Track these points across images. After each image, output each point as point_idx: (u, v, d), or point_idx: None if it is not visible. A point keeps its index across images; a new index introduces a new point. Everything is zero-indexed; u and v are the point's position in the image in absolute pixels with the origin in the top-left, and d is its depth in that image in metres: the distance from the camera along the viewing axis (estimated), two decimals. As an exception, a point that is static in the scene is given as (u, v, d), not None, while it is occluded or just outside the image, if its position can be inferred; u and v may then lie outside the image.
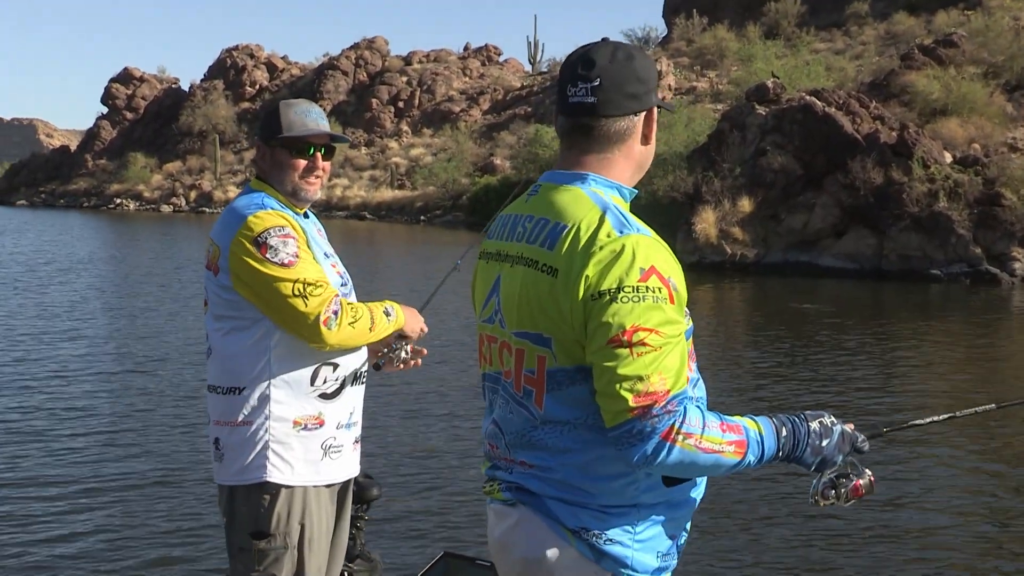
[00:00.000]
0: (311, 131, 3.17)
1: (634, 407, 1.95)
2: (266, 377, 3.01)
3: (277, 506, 3.01)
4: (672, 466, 2.00)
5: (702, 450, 1.98)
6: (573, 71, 2.13)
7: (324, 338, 2.96)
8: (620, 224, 2.05)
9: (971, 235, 22.19)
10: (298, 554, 3.06)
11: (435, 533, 6.23)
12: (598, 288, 1.99)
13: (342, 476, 3.20)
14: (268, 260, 2.96)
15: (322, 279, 3.00)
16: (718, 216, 24.52)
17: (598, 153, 2.16)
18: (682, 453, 1.98)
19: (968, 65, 29.90)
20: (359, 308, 3.06)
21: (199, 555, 5.88)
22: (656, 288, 1.99)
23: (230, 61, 74.53)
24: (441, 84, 67.88)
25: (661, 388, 1.96)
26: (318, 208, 46.99)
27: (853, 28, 56.22)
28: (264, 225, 3.00)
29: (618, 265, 1.99)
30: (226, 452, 3.05)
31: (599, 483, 2.10)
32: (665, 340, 1.98)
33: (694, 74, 58.43)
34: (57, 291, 19.38)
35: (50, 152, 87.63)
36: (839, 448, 2.14)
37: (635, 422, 1.96)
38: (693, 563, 5.73)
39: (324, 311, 2.95)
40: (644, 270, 1.99)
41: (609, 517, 2.10)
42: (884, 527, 6.43)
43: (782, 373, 11.77)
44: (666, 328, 1.99)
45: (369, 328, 3.07)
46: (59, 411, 9.48)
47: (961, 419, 2.61)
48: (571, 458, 2.10)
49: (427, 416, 9.30)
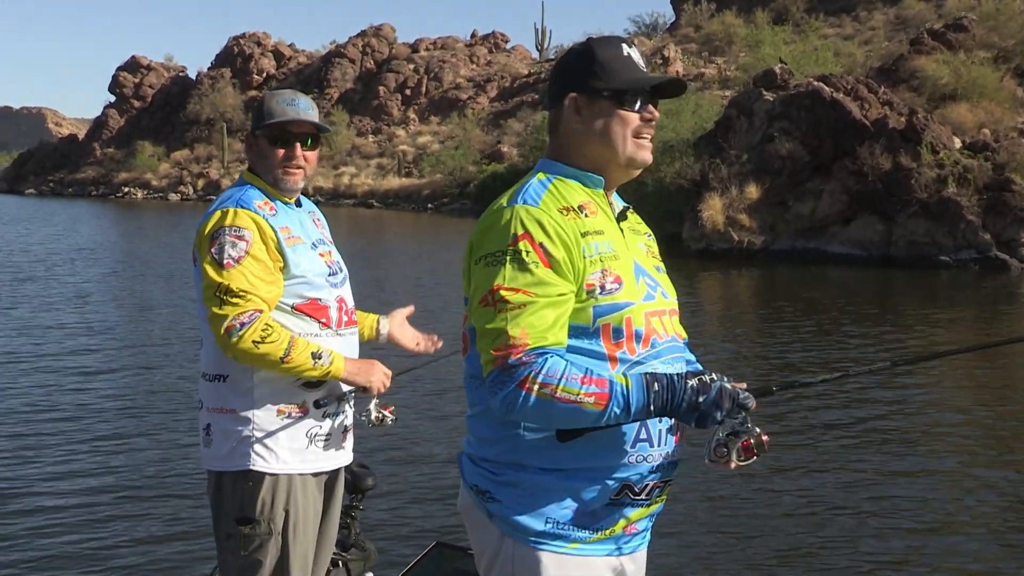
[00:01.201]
0: (289, 119, 3.16)
1: (495, 357, 2.12)
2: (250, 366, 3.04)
3: (261, 493, 3.05)
4: (532, 414, 2.12)
5: (559, 399, 2.09)
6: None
7: (222, 344, 2.99)
8: (514, 198, 2.24)
9: (980, 221, 22.01)
10: (283, 540, 3.09)
11: (429, 523, 6.20)
12: (477, 253, 2.22)
13: (329, 465, 3.21)
14: (211, 255, 3.02)
15: (250, 292, 2.99)
16: (725, 203, 24.39)
17: (552, 141, 2.40)
18: (539, 401, 2.09)
19: (978, 49, 29.68)
20: (277, 333, 2.99)
21: (191, 546, 5.84)
22: (525, 251, 2.15)
23: (237, 49, 74.47)
24: (448, 71, 67.72)
25: (520, 342, 2.10)
26: (325, 196, 46.98)
27: (862, 13, 55.88)
28: (226, 222, 3.05)
29: (493, 231, 2.20)
30: (214, 438, 3.09)
31: (491, 439, 2.26)
32: (531, 299, 2.13)
33: (702, 60, 58.15)
34: (63, 280, 19.38)
35: (58, 141, 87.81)
36: (717, 403, 2.14)
37: (497, 371, 2.12)
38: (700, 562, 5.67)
39: (231, 319, 2.95)
40: (516, 235, 2.16)
41: (495, 476, 2.25)
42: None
43: (790, 360, 11.69)
44: (534, 288, 2.13)
45: (280, 357, 2.98)
46: (66, 399, 9.46)
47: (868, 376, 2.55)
48: (474, 410, 2.31)
49: (422, 406, 9.26)
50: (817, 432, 8.36)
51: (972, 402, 9.68)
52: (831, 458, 7.67)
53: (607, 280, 2.20)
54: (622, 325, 2.20)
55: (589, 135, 2.30)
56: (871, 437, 8.29)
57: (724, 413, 2.14)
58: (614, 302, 2.20)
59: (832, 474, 7.27)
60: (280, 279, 3.07)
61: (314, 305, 3.13)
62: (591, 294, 2.19)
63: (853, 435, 8.33)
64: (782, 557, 5.77)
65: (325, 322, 3.16)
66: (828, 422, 8.66)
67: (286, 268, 3.08)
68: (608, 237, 2.26)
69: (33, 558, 5.72)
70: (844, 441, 8.15)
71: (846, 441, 8.15)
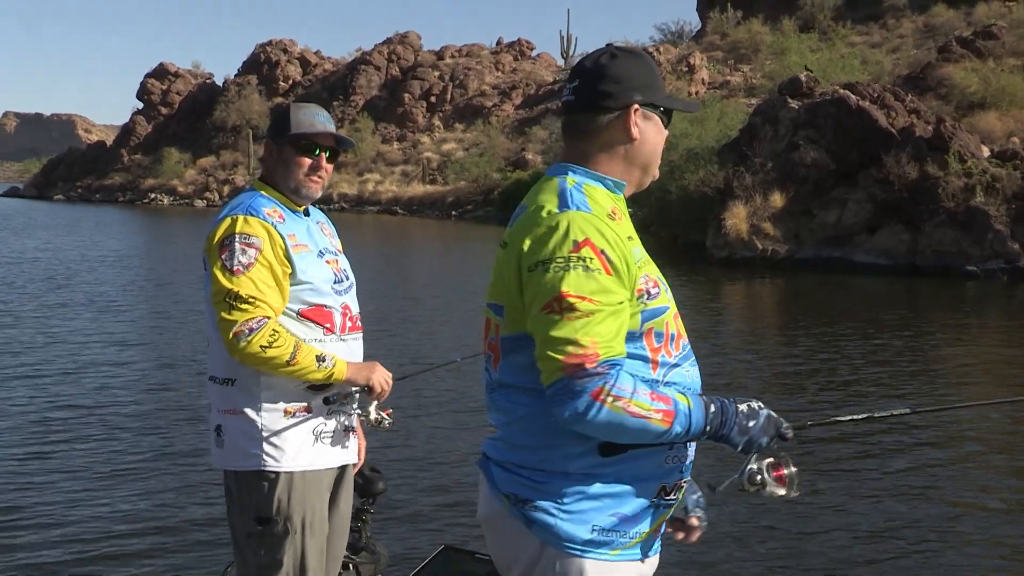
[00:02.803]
0: (318, 131, 3.30)
1: (565, 365, 2.08)
2: (257, 369, 3.13)
3: (277, 492, 3.15)
4: (601, 426, 2.09)
5: (630, 413, 2.08)
6: (570, 75, 2.36)
7: (230, 348, 3.08)
8: (563, 203, 2.20)
9: (1009, 231, 21.69)
10: (300, 539, 3.20)
11: (438, 526, 6.23)
12: (532, 259, 2.15)
13: (336, 462, 3.31)
14: (221, 261, 3.11)
15: (259, 298, 3.09)
16: (749, 211, 24.20)
17: (580, 147, 2.33)
18: (611, 414, 2.08)
19: (1008, 57, 29.35)
20: (283, 339, 3.10)
21: (204, 544, 5.81)
22: (588, 258, 2.12)
23: (264, 56, 74.95)
24: (473, 79, 67.83)
25: (592, 351, 2.08)
26: (349, 202, 47.22)
27: (891, 21, 55.51)
28: (236, 229, 3.14)
29: (553, 237, 2.14)
30: (226, 439, 3.20)
31: (532, 446, 2.22)
32: (598, 307, 2.10)
33: (728, 68, 57.93)
34: (88, 285, 19.48)
35: (86, 147, 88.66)
36: (764, 430, 2.21)
37: (567, 380, 2.08)
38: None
39: (239, 324, 3.05)
40: (577, 242, 2.12)
41: (538, 485, 2.21)
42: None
43: (816, 371, 11.51)
44: (599, 296, 2.10)
45: (287, 361, 3.09)
46: (83, 401, 9.46)
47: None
48: (512, 418, 2.26)
49: (432, 411, 9.23)
50: (845, 457, 8.20)
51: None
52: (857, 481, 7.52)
53: (649, 285, 2.24)
54: (663, 329, 2.25)
55: (642, 146, 2.33)
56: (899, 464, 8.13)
57: (768, 440, 2.21)
58: (657, 306, 2.24)
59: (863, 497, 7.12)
60: (287, 286, 3.17)
61: (319, 311, 3.23)
62: (640, 299, 2.21)
63: (881, 467, 8.17)
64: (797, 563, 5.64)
65: (329, 327, 3.25)
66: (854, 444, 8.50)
67: (293, 274, 3.18)
68: (636, 242, 2.30)
69: (48, 554, 5.74)
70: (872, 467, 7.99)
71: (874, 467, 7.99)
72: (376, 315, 13.78)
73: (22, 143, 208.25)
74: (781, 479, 2.24)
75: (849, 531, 6.27)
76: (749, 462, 2.23)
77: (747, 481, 2.23)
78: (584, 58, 2.35)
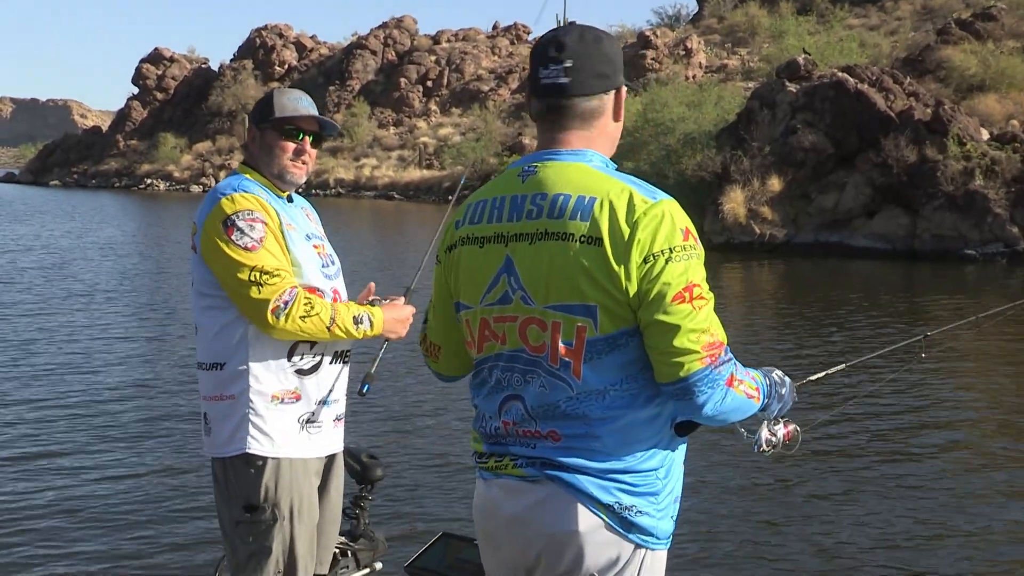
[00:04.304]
0: (301, 115, 3.27)
1: (704, 355, 2.08)
2: (244, 352, 3.10)
3: (264, 479, 3.11)
4: (729, 409, 2.15)
5: (747, 395, 2.18)
6: (545, 54, 2.22)
7: (271, 325, 3.02)
8: (648, 191, 2.17)
9: (1008, 214, 21.65)
10: (289, 525, 3.16)
11: (436, 513, 6.21)
12: (651, 251, 2.09)
13: (323, 451, 3.27)
14: (232, 242, 3.05)
15: (281, 268, 3.05)
16: (747, 196, 24.13)
17: (578, 131, 2.25)
18: (735, 398, 2.15)
19: (1008, 39, 29.21)
20: (317, 304, 3.06)
21: (198, 534, 5.76)
22: (693, 246, 2.14)
23: (259, 41, 74.64)
24: (470, 63, 67.59)
25: (720, 338, 2.12)
26: (346, 187, 47.11)
27: (888, 3, 55.33)
28: (235, 207, 3.09)
29: (663, 228, 2.11)
30: (213, 426, 3.17)
31: (633, 449, 2.17)
32: (711, 294, 2.14)
33: (725, 52, 57.75)
34: (86, 274, 19.40)
35: (82, 133, 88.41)
36: (791, 395, 2.37)
37: (706, 371, 2.08)
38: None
39: (274, 300, 3.00)
40: (684, 230, 2.13)
41: (636, 488, 2.18)
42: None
43: (813, 355, 11.47)
44: (706, 283, 2.15)
45: (327, 327, 3.07)
46: (81, 391, 9.40)
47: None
48: (609, 425, 2.16)
49: (430, 398, 9.19)
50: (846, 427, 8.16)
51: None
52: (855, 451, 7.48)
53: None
54: None
55: (620, 126, 2.35)
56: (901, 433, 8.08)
57: (792, 404, 2.37)
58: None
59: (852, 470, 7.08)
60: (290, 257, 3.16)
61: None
62: None
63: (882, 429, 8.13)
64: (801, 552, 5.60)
65: None
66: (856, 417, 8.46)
67: (287, 251, 3.16)
68: None
69: (41, 548, 5.69)
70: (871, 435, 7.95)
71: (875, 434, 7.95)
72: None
73: (18, 128, 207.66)
74: (788, 435, 2.47)
75: (856, 523, 6.23)
76: (764, 425, 2.42)
77: (764, 445, 2.44)
78: (560, 37, 2.21)
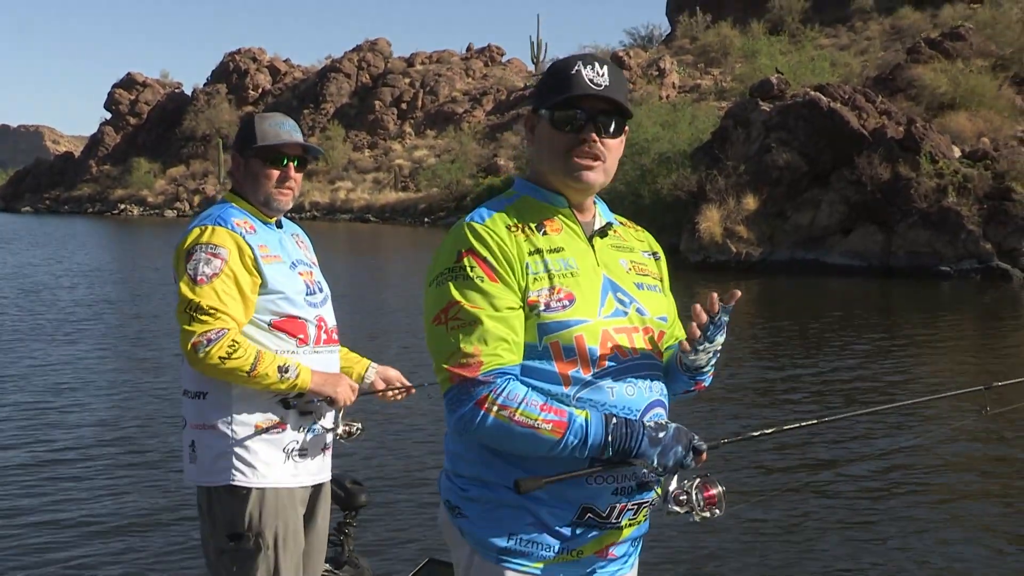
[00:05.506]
0: (284, 142, 3.26)
1: (451, 375, 2.14)
2: (226, 382, 3.10)
3: (248, 507, 3.11)
4: (488, 434, 2.13)
5: (516, 423, 2.10)
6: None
7: (190, 360, 3.06)
8: (469, 216, 2.28)
9: (981, 231, 21.82)
10: (273, 555, 3.15)
11: (422, 539, 6.11)
12: (428, 277, 2.23)
13: (309, 480, 3.27)
14: (186, 271, 3.10)
15: (220, 309, 3.05)
16: (723, 214, 24.19)
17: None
18: (496, 423, 2.10)
19: (976, 58, 29.54)
20: (243, 349, 3.06)
21: (182, 563, 5.64)
22: (470, 267, 2.15)
23: (233, 65, 74.52)
24: (444, 85, 67.70)
25: (475, 360, 2.11)
26: (321, 210, 46.98)
27: (858, 23, 55.94)
28: (201, 239, 3.13)
29: (442, 252, 2.22)
30: (199, 453, 3.16)
31: (459, 452, 2.26)
32: (480, 314, 2.14)
33: (698, 72, 58.15)
34: (63, 302, 19.16)
35: (54, 159, 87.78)
36: (676, 439, 2.15)
37: (454, 390, 2.14)
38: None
39: (198, 335, 3.02)
40: (461, 252, 2.18)
41: (464, 491, 2.24)
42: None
43: (789, 375, 11.44)
44: (482, 303, 2.15)
45: (248, 372, 3.04)
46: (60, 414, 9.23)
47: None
48: (448, 427, 2.27)
49: (415, 424, 9.09)
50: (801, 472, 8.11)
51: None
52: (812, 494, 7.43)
53: (553, 298, 2.19)
54: (572, 343, 2.18)
55: (540, 151, 2.32)
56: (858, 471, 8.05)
57: (684, 451, 2.14)
58: (562, 319, 2.18)
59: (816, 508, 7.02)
60: (254, 298, 3.14)
61: (292, 322, 3.19)
62: (533, 310, 2.18)
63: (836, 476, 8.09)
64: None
65: (303, 339, 3.21)
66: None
67: (264, 284, 3.14)
68: (570, 254, 2.26)
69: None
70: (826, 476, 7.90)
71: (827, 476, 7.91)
72: (353, 327, 13.60)
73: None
74: (711, 498, 2.16)
75: (843, 535, 6.17)
76: (673, 481, 2.16)
77: (675, 501, 2.16)
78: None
